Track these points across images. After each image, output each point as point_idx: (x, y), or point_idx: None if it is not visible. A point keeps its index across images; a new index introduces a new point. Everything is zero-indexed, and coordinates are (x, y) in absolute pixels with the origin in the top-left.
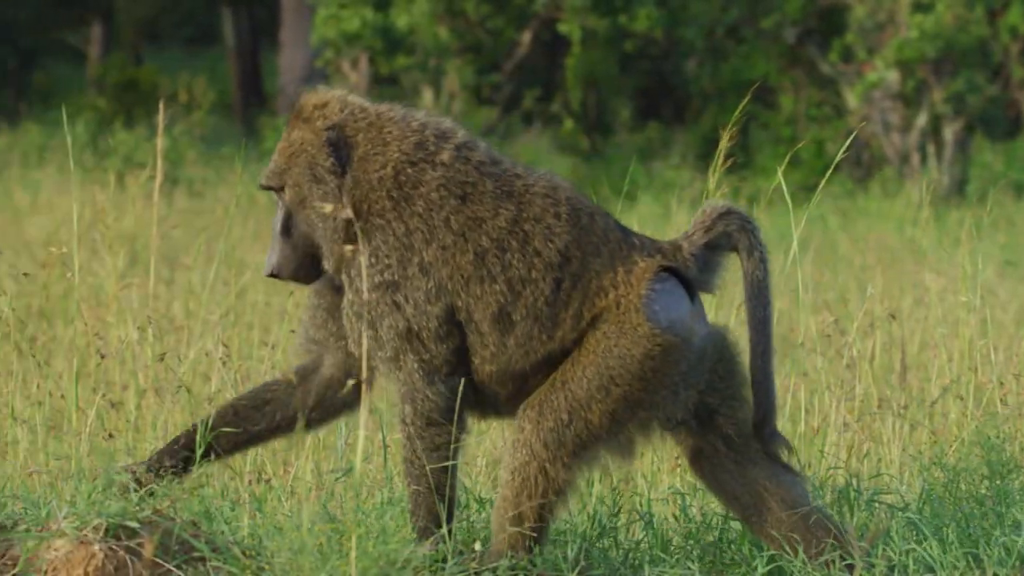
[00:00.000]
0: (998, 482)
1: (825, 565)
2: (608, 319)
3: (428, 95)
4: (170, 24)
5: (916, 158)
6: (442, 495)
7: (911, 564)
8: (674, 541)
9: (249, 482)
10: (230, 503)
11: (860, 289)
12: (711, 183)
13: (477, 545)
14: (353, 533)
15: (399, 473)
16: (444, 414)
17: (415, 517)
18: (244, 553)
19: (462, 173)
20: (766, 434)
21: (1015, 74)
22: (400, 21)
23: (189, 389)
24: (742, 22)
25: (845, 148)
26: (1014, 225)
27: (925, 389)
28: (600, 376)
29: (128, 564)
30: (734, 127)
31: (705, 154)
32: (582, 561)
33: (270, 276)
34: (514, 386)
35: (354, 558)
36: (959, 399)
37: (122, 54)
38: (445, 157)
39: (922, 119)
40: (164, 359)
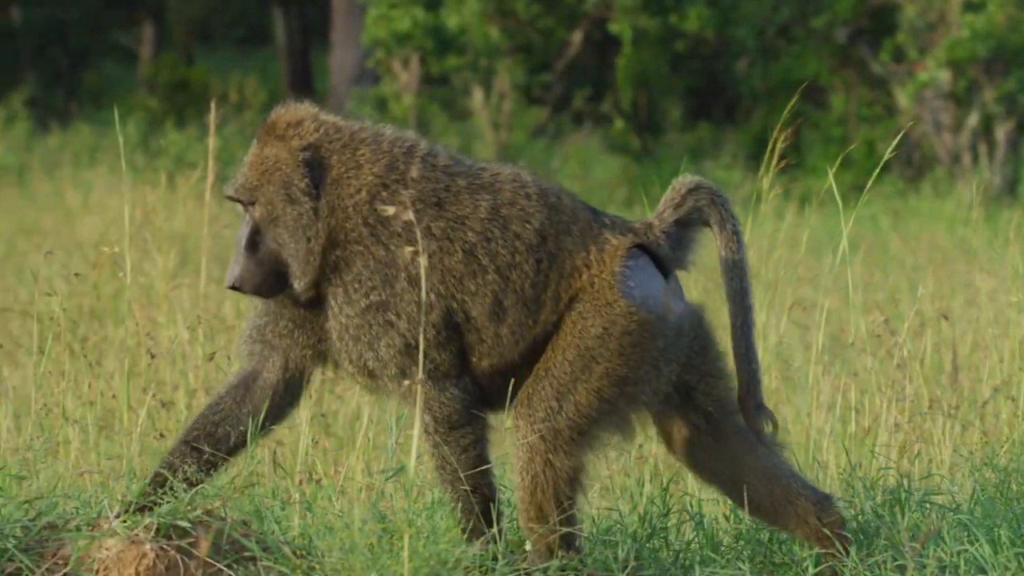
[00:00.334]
0: None
1: (876, 566)
2: (583, 299)
3: (479, 95)
4: (221, 24)
5: (967, 158)
6: (483, 494)
7: (962, 565)
8: (724, 541)
9: (300, 482)
10: (280, 503)
11: (911, 289)
12: (764, 183)
13: (527, 545)
14: (405, 533)
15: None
16: (464, 416)
17: (464, 521)
18: (295, 553)
19: (432, 181)
20: (751, 407)
21: None
22: (451, 21)
23: None
24: (793, 22)
25: (893, 147)
26: None
27: (976, 390)
28: (581, 357)
29: (179, 564)
30: (788, 128)
31: (756, 154)
32: (632, 561)
33: (231, 288)
34: (505, 378)
35: (406, 558)
36: (1010, 400)
37: (173, 54)
38: (414, 173)
39: (973, 119)
40: (214, 359)
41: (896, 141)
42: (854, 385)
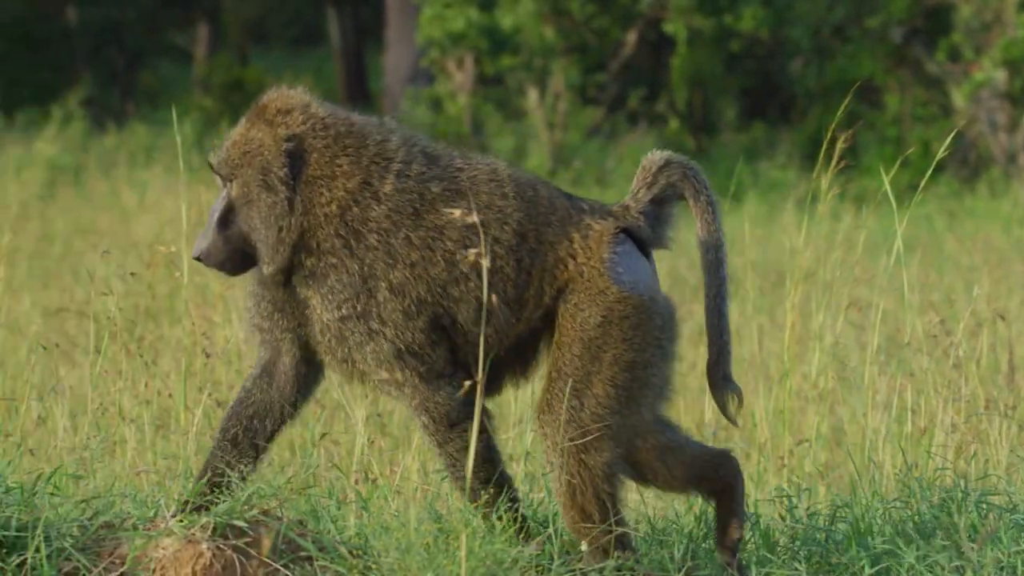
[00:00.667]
0: None
1: (934, 566)
2: (576, 289)
3: (533, 95)
4: (276, 24)
5: (1023, 158)
6: (499, 484)
7: (1020, 566)
8: (780, 542)
9: (356, 481)
10: (337, 502)
11: (967, 289)
12: (824, 184)
13: (583, 545)
14: (462, 533)
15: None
16: (460, 412)
17: (489, 513)
18: (351, 552)
19: (407, 193)
20: (719, 379)
21: None
22: (505, 21)
23: None
24: (848, 22)
25: (946, 147)
26: None
27: None
28: (587, 349)
29: (235, 563)
30: (847, 129)
31: (811, 154)
32: (688, 561)
33: (196, 259)
34: (491, 373)
35: (463, 557)
36: None
37: (228, 54)
38: (388, 188)
39: None
40: None
41: (948, 140)
42: (910, 385)
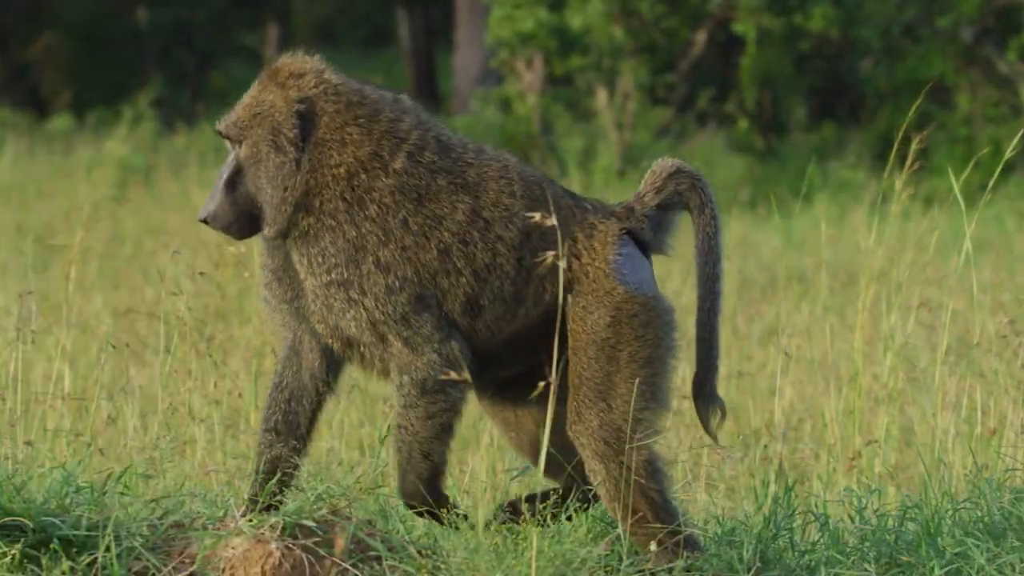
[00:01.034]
0: None
1: (1005, 567)
2: (582, 291)
3: (602, 95)
4: (345, 25)
5: None
6: (434, 463)
7: None
8: (850, 542)
9: None
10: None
11: None
12: (897, 185)
13: (652, 545)
14: (532, 533)
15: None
16: (437, 384)
17: (404, 481)
18: (420, 552)
19: (415, 177)
20: (705, 393)
21: None
22: (574, 21)
23: (363, 388)
24: (918, 21)
25: (1013, 147)
26: None
27: None
28: (602, 350)
29: (305, 563)
30: (920, 130)
31: (880, 154)
32: (757, 562)
33: (202, 222)
34: (481, 363)
35: (533, 557)
36: None
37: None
38: (398, 165)
39: None
40: None
41: (1016, 140)
42: (980, 386)
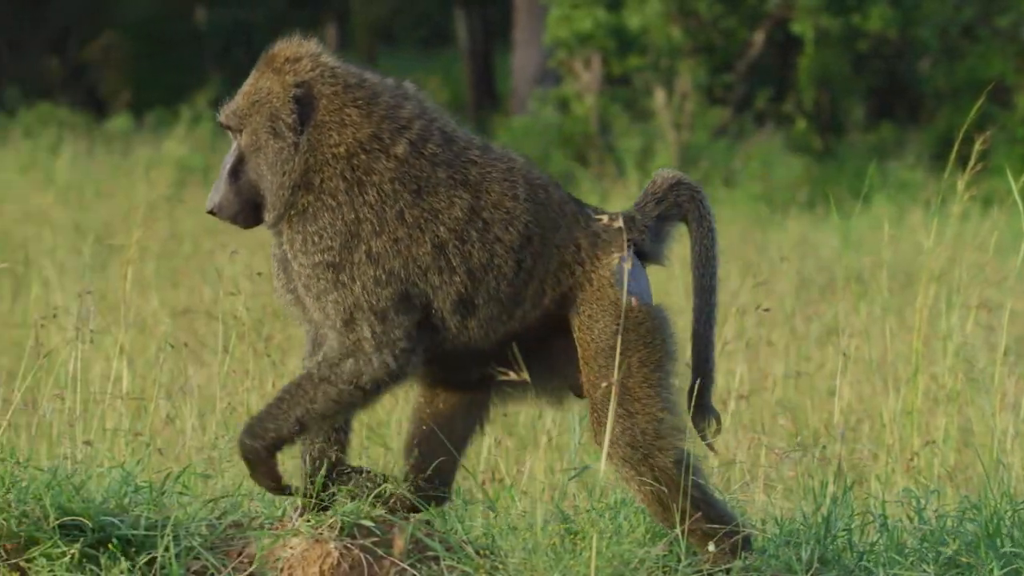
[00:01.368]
0: None
1: None
2: (586, 299)
3: (660, 96)
4: (404, 25)
5: None
6: (297, 432)
7: None
8: (908, 543)
9: (483, 482)
10: (463, 502)
11: None
12: (960, 186)
13: (711, 546)
14: (592, 533)
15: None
16: (372, 384)
17: (258, 425)
18: (478, 552)
19: (416, 168)
20: (701, 404)
21: None
22: (632, 21)
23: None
24: (977, 21)
25: None
26: None
27: None
28: (611, 359)
29: (363, 563)
30: (982, 131)
31: (939, 154)
32: (815, 563)
33: (209, 213)
34: (469, 362)
35: (593, 557)
36: None
37: (356, 55)
38: (399, 151)
39: None
40: None
41: None
42: None
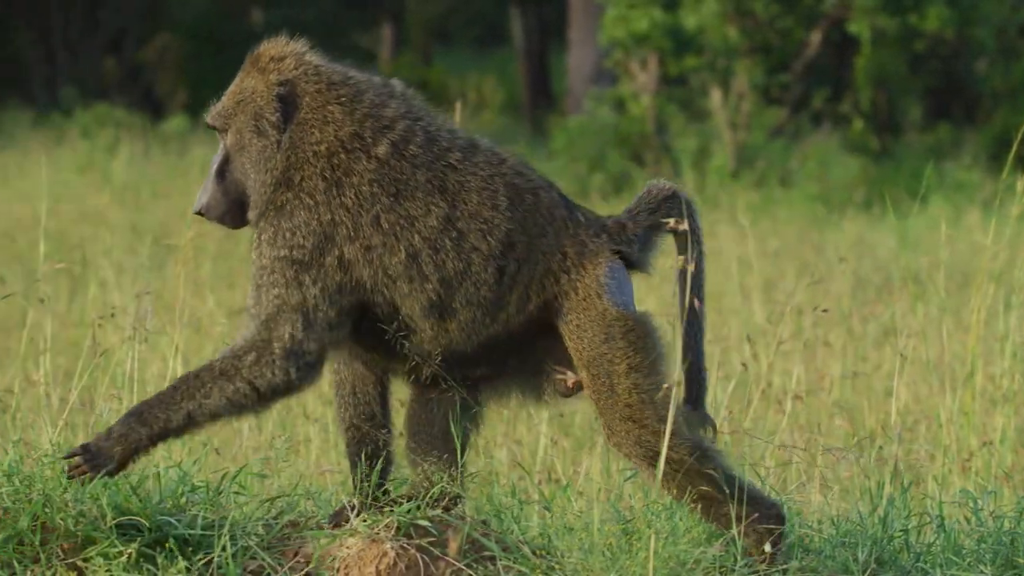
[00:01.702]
0: None
1: None
2: (572, 308)
3: (717, 96)
4: (459, 24)
5: None
6: (171, 429)
7: None
8: (966, 544)
9: (539, 482)
10: (519, 502)
11: None
12: (1019, 185)
13: (767, 547)
14: (649, 534)
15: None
16: (267, 390)
17: (148, 413)
18: (534, 553)
19: (396, 170)
20: (697, 411)
21: None
22: (689, 21)
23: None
24: None
25: None
26: None
27: None
28: (604, 365)
29: (419, 563)
30: None
31: (997, 155)
32: (872, 564)
33: (197, 214)
34: (455, 361)
35: (650, 557)
36: None
37: (412, 54)
38: (381, 151)
39: None
40: None
41: None
42: None
